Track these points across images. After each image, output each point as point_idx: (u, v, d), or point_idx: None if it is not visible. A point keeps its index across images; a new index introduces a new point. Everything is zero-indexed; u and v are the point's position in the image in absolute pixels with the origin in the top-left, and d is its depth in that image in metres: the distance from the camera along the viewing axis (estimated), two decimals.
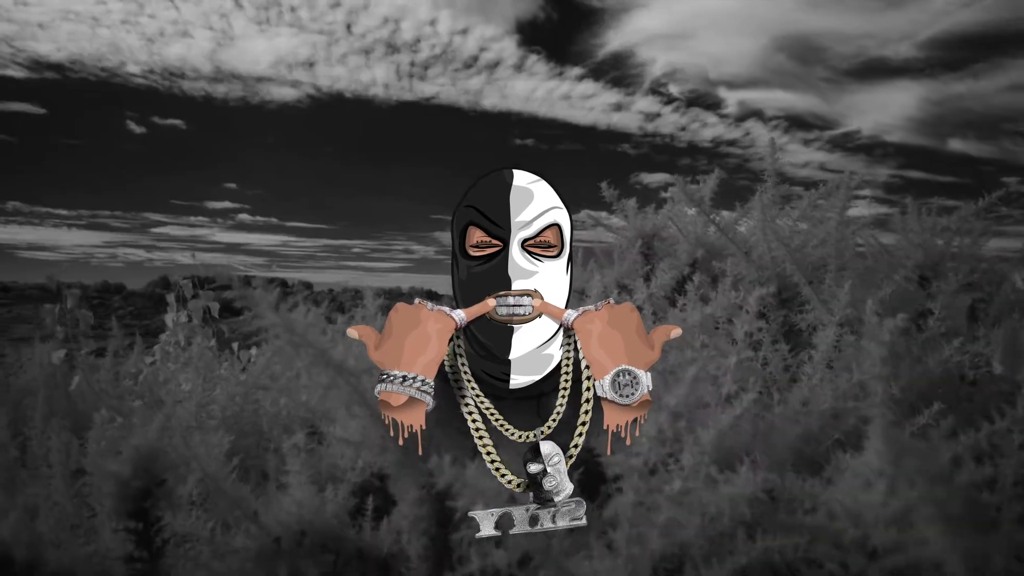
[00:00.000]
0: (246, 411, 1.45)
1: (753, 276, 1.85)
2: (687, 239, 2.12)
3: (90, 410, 1.72)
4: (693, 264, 2.14)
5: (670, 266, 2.25)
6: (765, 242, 1.76)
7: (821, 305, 1.55)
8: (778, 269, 1.80)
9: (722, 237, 2.04)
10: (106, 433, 1.33)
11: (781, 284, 1.83)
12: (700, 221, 2.15)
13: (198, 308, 1.75)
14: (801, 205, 1.90)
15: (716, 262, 1.99)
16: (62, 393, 1.83)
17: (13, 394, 1.87)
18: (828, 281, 1.65)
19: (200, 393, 1.37)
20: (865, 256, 1.80)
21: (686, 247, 2.13)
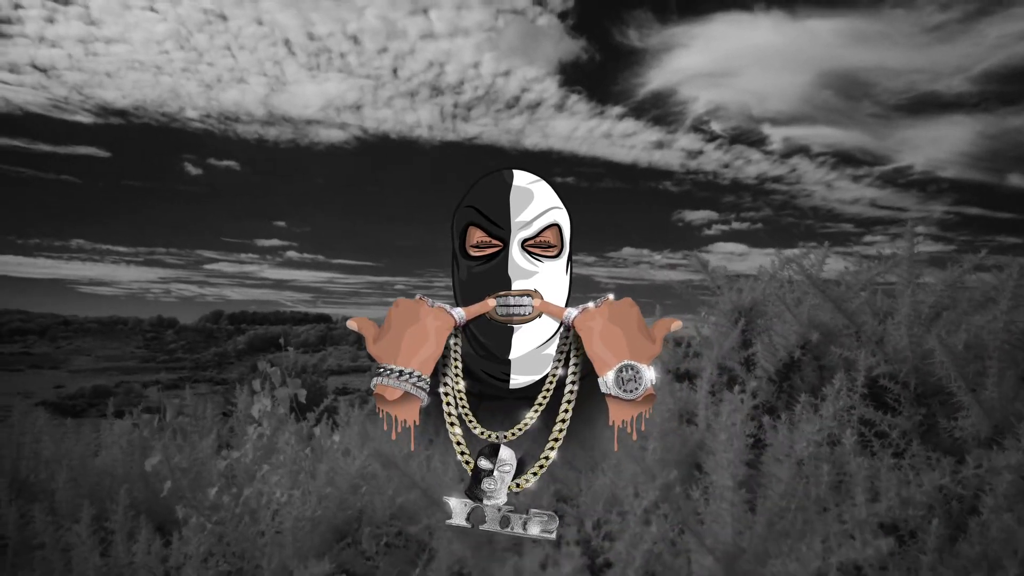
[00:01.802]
0: (339, 516, 1.36)
1: (882, 368, 1.67)
2: (797, 318, 1.95)
3: (172, 501, 1.64)
4: (804, 347, 1.96)
5: (774, 349, 2.08)
6: (905, 329, 1.57)
7: (983, 414, 1.36)
8: (916, 362, 1.62)
9: (838, 316, 1.87)
10: (199, 545, 1.23)
11: (919, 378, 1.64)
12: (810, 294, 1.99)
13: (285, 397, 1.68)
14: (946, 276, 1.69)
15: (835, 347, 1.81)
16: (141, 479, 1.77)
17: (91, 475, 1.81)
18: (989, 385, 1.45)
19: (298, 505, 1.27)
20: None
21: (796, 328, 1.96)
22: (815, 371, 2.07)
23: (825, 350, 1.89)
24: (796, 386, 2.11)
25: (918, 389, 1.67)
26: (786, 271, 2.19)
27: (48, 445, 1.85)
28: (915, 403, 1.67)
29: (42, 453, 1.83)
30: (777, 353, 2.05)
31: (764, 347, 2.10)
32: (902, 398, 1.68)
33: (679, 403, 1.82)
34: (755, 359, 2.10)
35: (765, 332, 2.16)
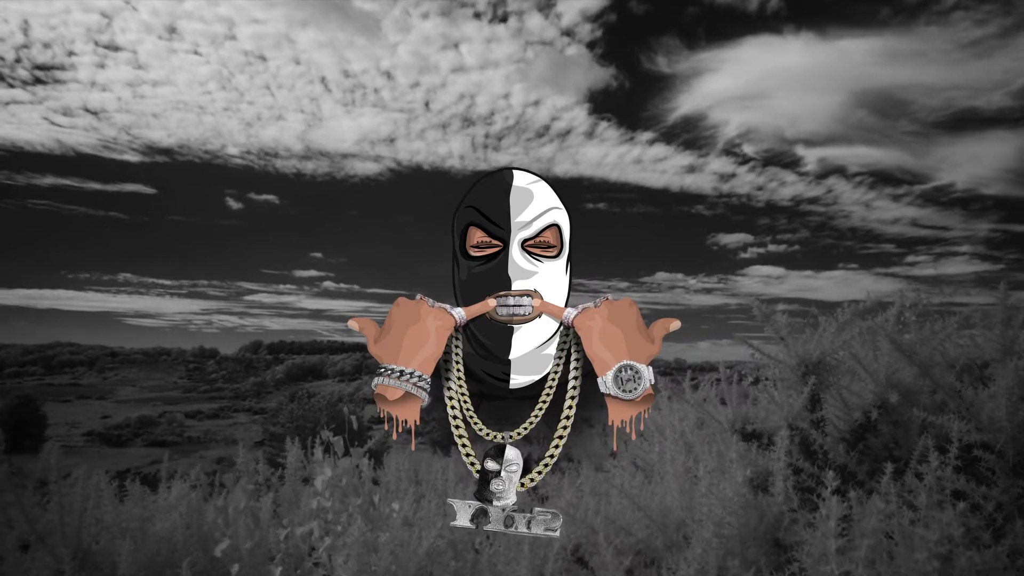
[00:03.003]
0: None
1: (974, 436, 1.55)
2: (874, 377, 1.84)
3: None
4: (881, 407, 1.85)
5: (847, 408, 1.98)
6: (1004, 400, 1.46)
7: None
8: (1014, 432, 1.50)
9: (922, 379, 1.76)
10: None
11: (1016, 447, 1.52)
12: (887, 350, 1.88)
13: (350, 468, 1.65)
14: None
15: (917, 410, 1.70)
16: (199, 545, 1.74)
17: (149, 542, 1.80)
18: None
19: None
20: None
21: (872, 387, 1.85)
22: (892, 432, 1.96)
23: (905, 412, 1.78)
24: (873, 448, 1.99)
25: (1015, 459, 1.55)
26: (856, 325, 2.09)
27: (109, 510, 1.85)
28: (1011, 474, 1.55)
29: (103, 519, 1.83)
30: (851, 413, 1.94)
31: (835, 404, 2.00)
32: (997, 468, 1.56)
33: (753, 470, 1.73)
34: (825, 419, 1.99)
35: (834, 387, 2.05)
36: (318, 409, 11.84)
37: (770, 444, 1.97)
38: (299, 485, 2.35)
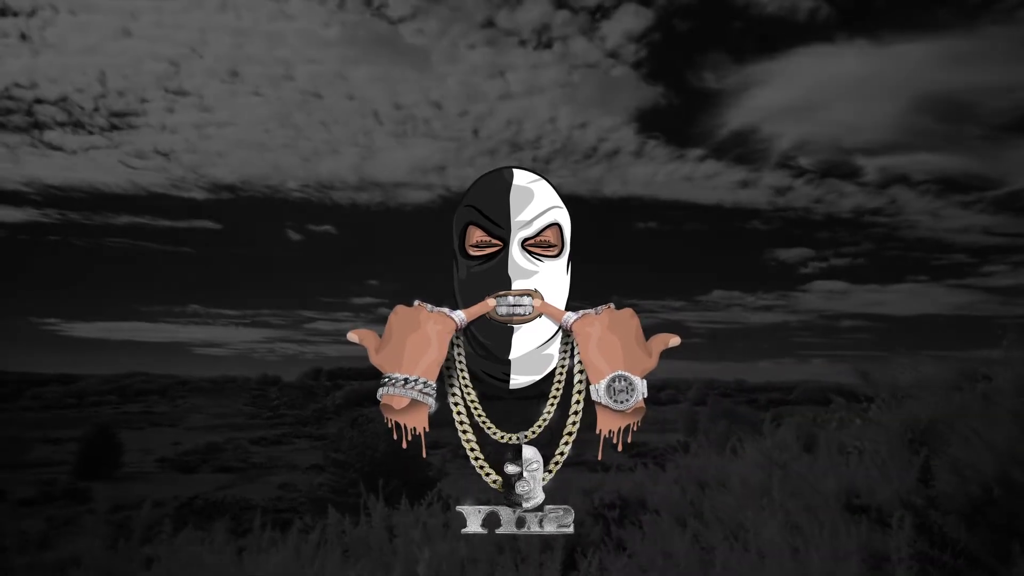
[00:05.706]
0: None
1: None
2: (992, 451, 1.74)
3: None
4: (1004, 483, 1.74)
5: (963, 481, 1.87)
6: None
7: None
8: None
9: None
10: None
11: None
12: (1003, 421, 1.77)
13: (448, 554, 1.67)
14: None
15: None
16: None
17: None
18: None
19: None
20: None
21: (991, 461, 1.75)
22: (1013, 505, 1.83)
23: None
24: (992, 521, 1.87)
25: None
26: (967, 388, 1.98)
27: None
28: None
29: None
30: (968, 487, 1.83)
31: (948, 475, 1.89)
32: None
33: (869, 550, 1.65)
34: (937, 494, 1.88)
35: (946, 456, 1.94)
36: (377, 435, 11.94)
37: (880, 519, 1.87)
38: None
